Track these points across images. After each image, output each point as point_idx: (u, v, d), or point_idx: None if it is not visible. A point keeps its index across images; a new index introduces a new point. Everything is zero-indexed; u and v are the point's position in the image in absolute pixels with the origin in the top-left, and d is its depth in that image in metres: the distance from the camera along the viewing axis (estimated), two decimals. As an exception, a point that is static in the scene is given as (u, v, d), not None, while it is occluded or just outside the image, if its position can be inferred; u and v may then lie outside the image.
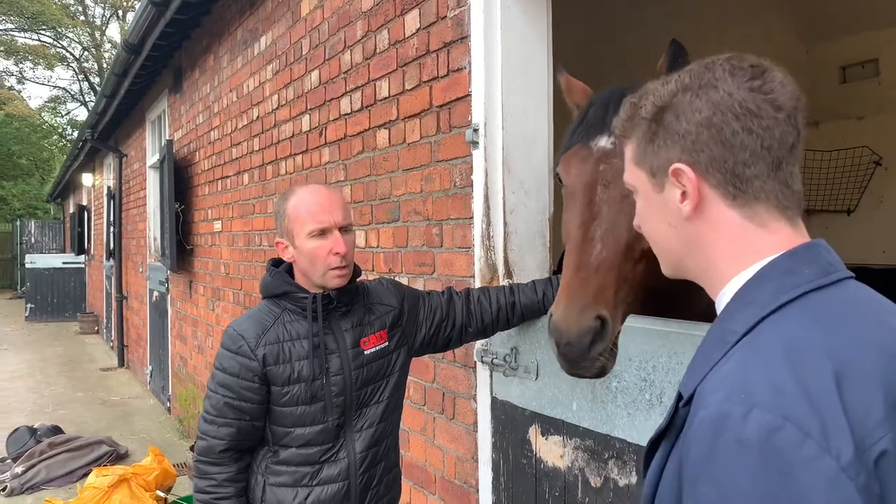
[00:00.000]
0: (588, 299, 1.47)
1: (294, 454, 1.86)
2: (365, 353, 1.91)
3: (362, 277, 2.04)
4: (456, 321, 2.05)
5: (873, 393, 0.75)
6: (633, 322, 1.76)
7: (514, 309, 2.06)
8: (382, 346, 1.95)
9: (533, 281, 2.13)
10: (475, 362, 2.43)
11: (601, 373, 1.53)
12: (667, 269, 1.03)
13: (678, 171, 0.91)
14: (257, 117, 4.67)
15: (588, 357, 1.46)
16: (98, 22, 30.03)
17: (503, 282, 2.33)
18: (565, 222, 1.65)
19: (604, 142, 1.63)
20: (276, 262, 1.97)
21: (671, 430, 0.86)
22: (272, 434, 1.88)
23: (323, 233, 1.82)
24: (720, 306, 0.92)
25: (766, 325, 0.82)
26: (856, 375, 0.75)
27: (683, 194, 0.91)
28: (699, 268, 0.95)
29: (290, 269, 1.94)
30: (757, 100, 0.87)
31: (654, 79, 1.00)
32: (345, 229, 1.86)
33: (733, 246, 0.90)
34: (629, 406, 1.81)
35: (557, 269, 2.51)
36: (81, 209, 15.55)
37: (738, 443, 0.73)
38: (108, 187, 11.54)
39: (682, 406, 0.85)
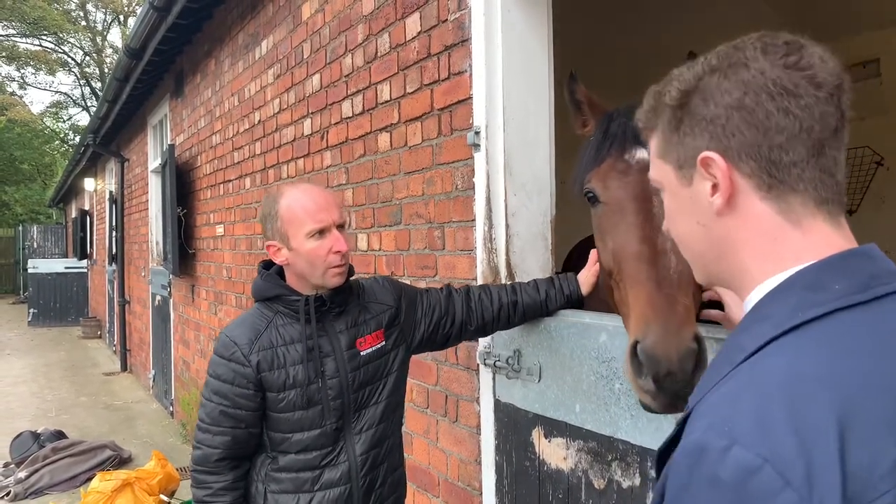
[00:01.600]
0: (681, 318, 1.27)
1: (293, 460, 1.84)
2: (361, 354, 1.88)
3: (356, 276, 2.03)
4: (455, 318, 2.02)
5: (885, 438, 0.65)
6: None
7: (515, 308, 2.04)
8: (379, 346, 1.92)
9: (535, 280, 2.12)
10: (478, 365, 2.43)
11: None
12: (699, 277, 0.93)
13: (707, 160, 0.82)
14: (259, 121, 4.68)
15: (691, 385, 1.22)
16: (99, 27, 30.14)
17: (505, 284, 2.33)
18: (615, 238, 1.52)
19: (642, 153, 1.53)
20: (267, 265, 1.95)
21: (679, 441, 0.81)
22: (270, 440, 1.86)
23: (322, 232, 1.79)
24: (746, 312, 0.83)
25: (774, 348, 0.73)
26: (867, 416, 0.65)
27: (714, 186, 0.82)
28: (729, 272, 0.86)
29: (281, 272, 1.92)
30: (793, 77, 0.78)
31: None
32: (341, 227, 1.83)
33: (764, 248, 0.81)
34: (632, 408, 1.81)
35: (560, 271, 2.50)
36: (84, 214, 15.57)
37: (712, 480, 0.67)
38: (111, 192, 11.56)
39: (685, 418, 0.79)
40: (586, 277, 2.06)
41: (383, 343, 1.94)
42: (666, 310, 1.30)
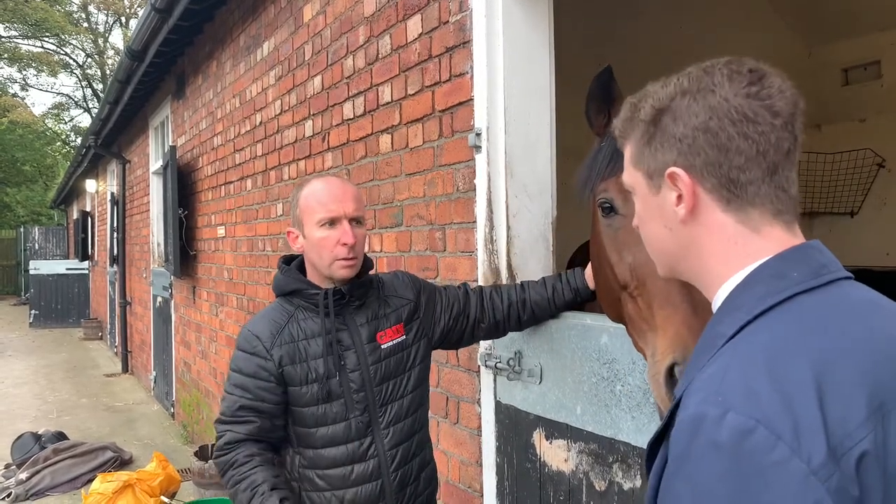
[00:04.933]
0: None
1: (321, 456, 1.84)
2: (382, 347, 1.89)
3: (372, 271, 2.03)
4: (470, 316, 2.02)
5: (855, 395, 0.75)
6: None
7: (524, 305, 2.02)
8: (400, 339, 1.92)
9: (543, 277, 2.10)
10: (479, 366, 2.43)
11: None
12: (662, 271, 1.04)
13: (674, 174, 0.92)
14: (260, 123, 4.68)
15: None
16: (101, 29, 30.16)
17: (506, 286, 2.33)
18: (637, 254, 1.47)
19: None
20: (288, 260, 1.97)
21: (669, 433, 0.87)
22: (297, 436, 1.86)
23: (332, 223, 1.81)
24: (714, 309, 0.93)
25: (751, 329, 0.83)
26: (838, 378, 0.76)
27: (679, 197, 0.92)
28: (693, 271, 0.97)
29: (301, 266, 1.94)
30: (753, 105, 0.88)
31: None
32: (355, 221, 1.84)
33: (727, 250, 0.91)
34: (633, 410, 1.81)
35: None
36: (85, 215, 15.58)
37: (711, 444, 0.75)
38: (112, 193, 11.57)
39: (675, 408, 0.86)
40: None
41: (404, 337, 1.93)
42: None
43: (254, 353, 1.82)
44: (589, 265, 1.96)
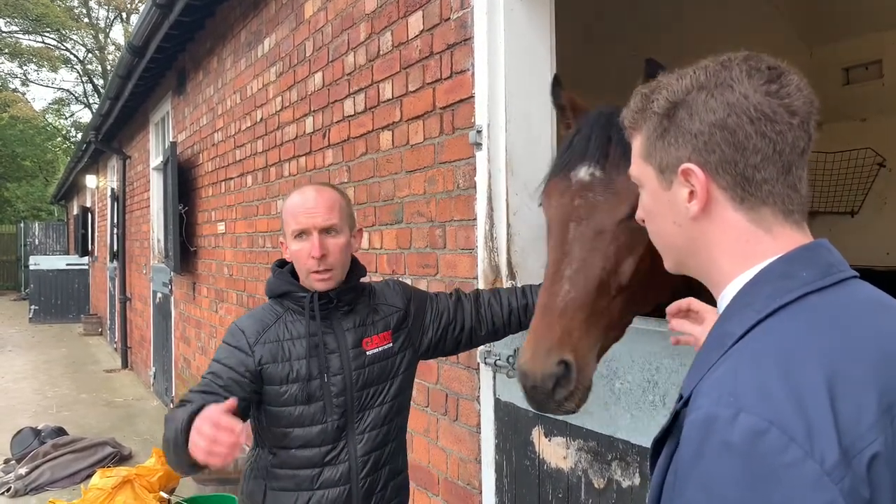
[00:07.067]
0: (553, 343, 1.44)
1: (293, 456, 1.83)
2: (367, 353, 1.89)
3: (366, 279, 2.03)
4: (464, 324, 2.01)
5: (866, 396, 0.75)
6: (637, 324, 1.76)
7: (526, 311, 2.00)
8: (386, 347, 1.92)
9: None
10: (478, 364, 2.43)
11: (570, 412, 1.50)
12: (669, 265, 1.03)
13: (688, 170, 0.90)
14: (261, 119, 4.68)
15: (553, 400, 1.45)
16: (102, 24, 30.13)
17: (506, 284, 2.33)
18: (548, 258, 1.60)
19: (582, 173, 1.56)
20: (281, 263, 1.98)
21: (674, 432, 0.86)
22: (272, 436, 1.86)
23: (301, 234, 1.82)
24: (721, 307, 0.92)
25: (761, 329, 0.82)
26: (849, 379, 0.75)
27: (691, 194, 0.91)
28: (702, 267, 0.95)
29: (293, 270, 1.94)
30: (772, 104, 0.86)
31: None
32: (328, 231, 1.82)
33: (737, 248, 0.90)
34: (633, 408, 1.81)
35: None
36: (85, 211, 15.58)
37: (724, 445, 0.74)
38: (112, 189, 11.57)
39: (682, 407, 0.85)
40: None
41: (390, 344, 1.93)
42: (543, 335, 1.47)
43: (236, 346, 1.83)
44: None
